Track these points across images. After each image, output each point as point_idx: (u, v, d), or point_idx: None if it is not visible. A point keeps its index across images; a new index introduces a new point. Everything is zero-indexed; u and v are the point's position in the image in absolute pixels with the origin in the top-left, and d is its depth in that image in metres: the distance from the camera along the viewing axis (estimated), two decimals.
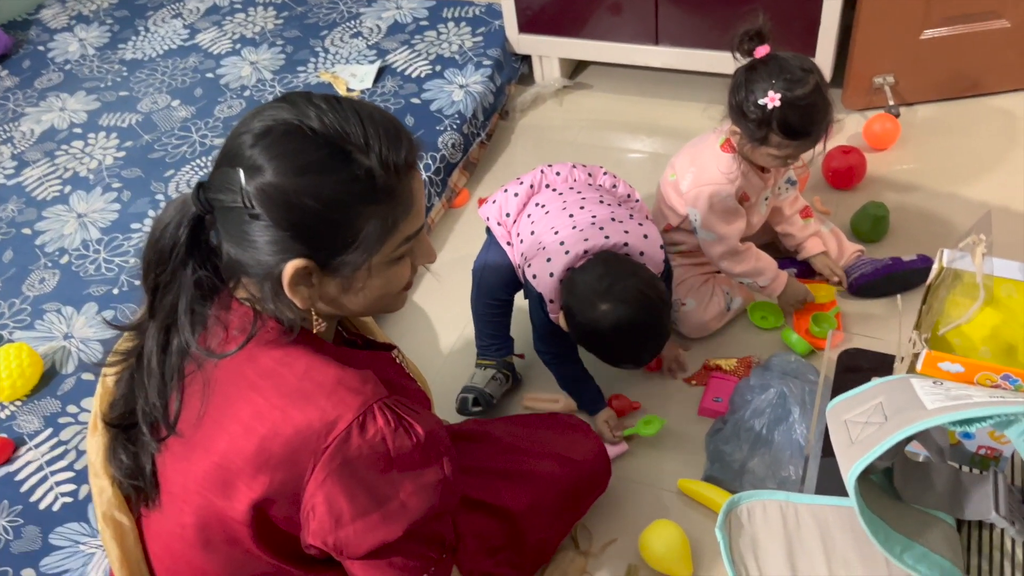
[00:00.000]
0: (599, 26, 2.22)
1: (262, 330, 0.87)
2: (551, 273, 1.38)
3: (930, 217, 1.86)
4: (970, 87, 2.10)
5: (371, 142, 0.81)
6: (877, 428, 0.83)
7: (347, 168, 0.81)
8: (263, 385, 0.85)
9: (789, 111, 1.42)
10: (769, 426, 1.43)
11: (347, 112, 0.82)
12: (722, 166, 1.56)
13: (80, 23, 2.68)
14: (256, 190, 0.80)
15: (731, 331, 1.72)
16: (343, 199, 0.81)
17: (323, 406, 0.83)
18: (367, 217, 0.83)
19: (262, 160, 0.80)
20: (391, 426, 0.84)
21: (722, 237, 1.60)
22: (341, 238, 0.83)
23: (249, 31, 2.52)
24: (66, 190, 2.05)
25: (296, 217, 0.81)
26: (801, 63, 1.45)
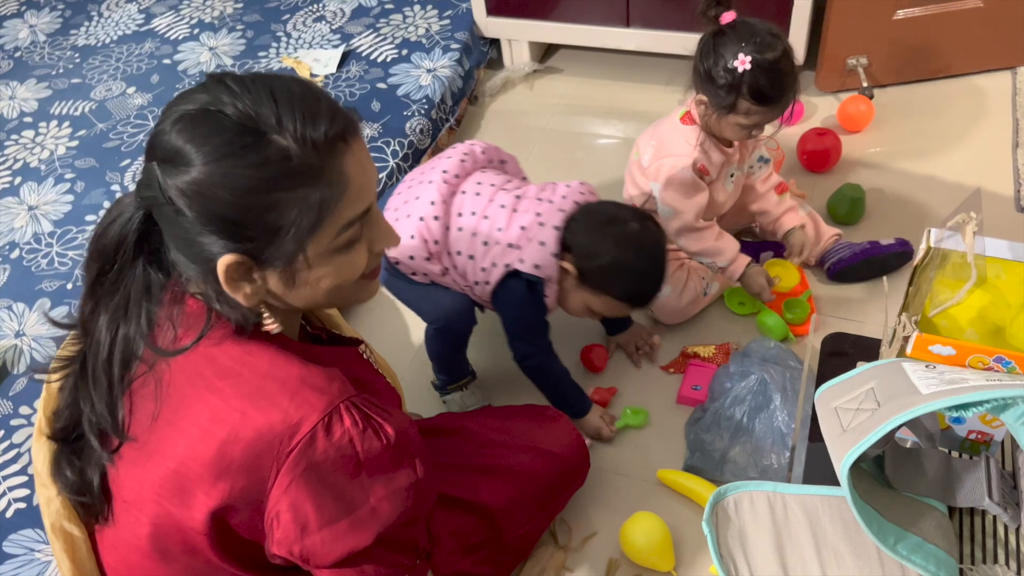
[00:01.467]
0: (569, 8, 2.17)
1: (217, 326, 0.81)
2: (552, 252, 1.35)
3: (907, 198, 1.85)
4: (944, 67, 2.08)
5: (284, 120, 0.74)
6: (870, 415, 0.79)
7: (260, 151, 0.74)
8: (221, 386, 0.80)
9: (760, 74, 1.40)
10: (750, 414, 1.40)
11: (260, 90, 0.75)
12: (680, 138, 1.55)
13: (30, 8, 2.58)
14: (173, 184, 0.75)
15: (708, 317, 1.69)
16: (258, 185, 0.74)
17: (286, 407, 0.78)
18: (290, 203, 0.75)
19: (177, 151, 0.74)
20: (359, 427, 0.79)
21: (678, 212, 1.56)
22: (266, 228, 0.76)
23: (207, 15, 2.44)
24: (16, 181, 1.96)
25: (216, 209, 0.74)
26: (769, 28, 1.43)
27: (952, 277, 0.97)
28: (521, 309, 1.42)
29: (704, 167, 1.55)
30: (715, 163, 1.56)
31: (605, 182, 1.98)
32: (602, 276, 1.36)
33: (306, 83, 0.79)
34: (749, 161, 1.65)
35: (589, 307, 1.41)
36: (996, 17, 1.97)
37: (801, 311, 1.62)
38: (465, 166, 1.45)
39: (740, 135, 1.51)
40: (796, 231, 1.68)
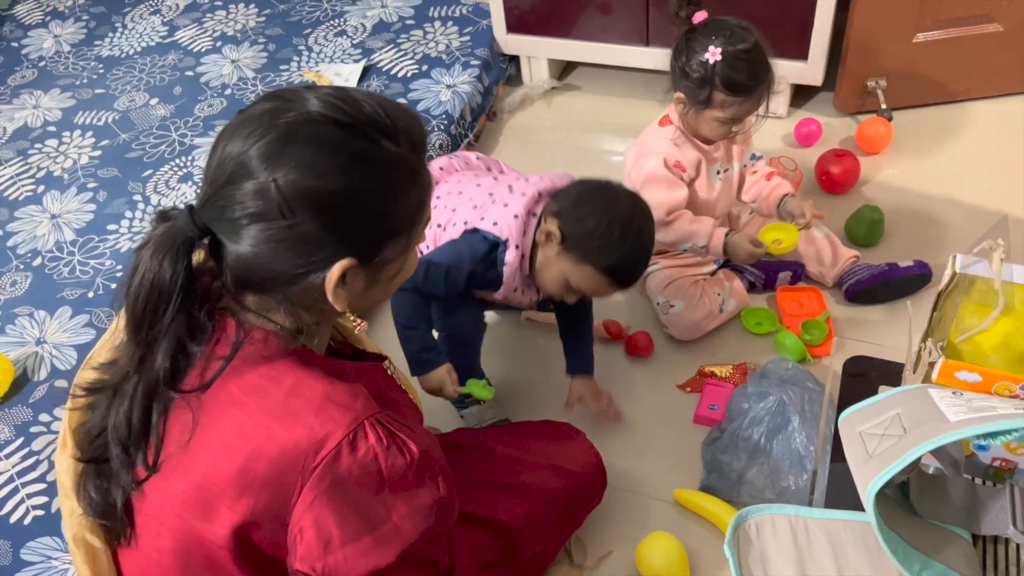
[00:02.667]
0: (588, 26, 2.18)
1: (246, 342, 0.81)
2: (515, 215, 1.35)
3: (925, 221, 1.84)
4: (963, 91, 2.08)
5: (395, 123, 0.79)
6: (896, 441, 0.79)
7: (380, 155, 0.78)
8: (247, 401, 0.80)
9: (731, 64, 1.44)
10: (768, 435, 1.40)
11: (356, 97, 0.79)
12: (656, 138, 1.59)
13: (55, 19, 2.61)
14: (294, 196, 0.74)
15: (724, 337, 1.69)
16: (384, 189, 0.78)
17: (311, 423, 0.78)
18: (403, 203, 0.81)
19: (294, 164, 0.74)
20: (383, 444, 0.80)
21: (651, 207, 1.55)
22: (383, 230, 0.80)
23: (230, 29, 2.46)
24: (39, 190, 1.98)
25: (342, 216, 0.77)
26: (739, 23, 1.47)
27: (978, 303, 0.97)
28: (457, 253, 1.36)
29: (679, 163, 1.58)
30: (689, 159, 1.59)
31: None
32: (588, 242, 1.30)
33: (380, 95, 0.82)
34: (743, 160, 1.67)
35: (567, 280, 1.34)
36: (1016, 41, 1.98)
37: (819, 332, 1.61)
38: (453, 162, 1.54)
39: (720, 131, 1.54)
40: (789, 199, 1.67)
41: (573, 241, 1.31)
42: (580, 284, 1.34)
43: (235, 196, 0.75)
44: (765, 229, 1.64)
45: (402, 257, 0.85)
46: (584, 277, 1.33)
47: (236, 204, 0.75)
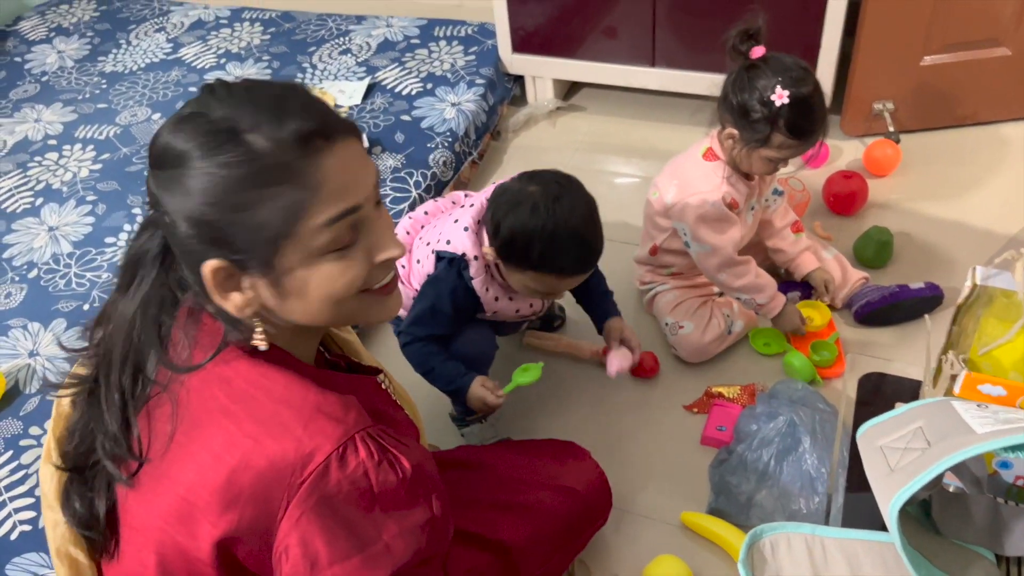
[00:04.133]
0: (594, 47, 2.18)
1: (234, 346, 0.79)
2: (465, 227, 1.34)
3: (934, 243, 1.82)
4: (970, 115, 2.07)
5: (259, 119, 0.72)
6: (920, 454, 0.76)
7: (232, 150, 0.72)
8: (235, 410, 0.77)
9: (797, 108, 1.40)
10: (778, 456, 1.36)
11: (241, 93, 0.75)
12: (704, 174, 1.53)
13: (60, 35, 2.61)
14: (156, 185, 0.75)
15: (731, 357, 1.66)
16: (230, 185, 0.72)
17: (299, 436, 0.74)
18: (263, 202, 0.72)
19: (164, 155, 0.74)
20: (374, 459, 0.76)
21: (716, 248, 1.54)
22: (242, 229, 0.73)
23: (235, 46, 2.46)
24: (38, 202, 1.96)
25: (196, 211, 0.73)
26: (798, 62, 1.44)
27: (1000, 316, 0.94)
28: (433, 287, 1.37)
29: (734, 200, 1.53)
30: (741, 195, 1.55)
31: (626, 220, 1.97)
32: (509, 251, 1.27)
33: (291, 85, 0.77)
34: (765, 195, 1.63)
35: (528, 287, 1.33)
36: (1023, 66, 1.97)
37: (829, 353, 1.58)
38: (439, 204, 1.54)
39: (767, 169, 1.50)
40: (817, 271, 1.66)
41: (505, 254, 1.29)
42: (539, 287, 1.32)
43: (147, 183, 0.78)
44: (800, 305, 1.67)
45: (308, 267, 0.76)
46: (536, 280, 1.30)
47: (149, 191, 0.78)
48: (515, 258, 1.29)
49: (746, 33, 1.42)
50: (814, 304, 1.67)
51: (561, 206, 1.25)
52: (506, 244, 1.28)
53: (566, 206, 1.25)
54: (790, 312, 1.59)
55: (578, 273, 1.32)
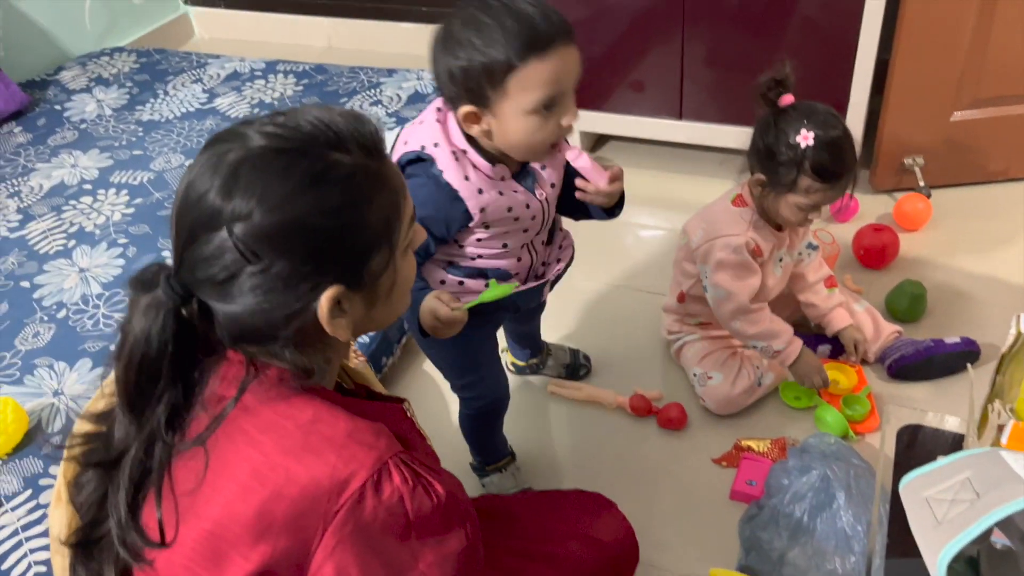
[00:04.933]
0: (622, 100, 2.20)
1: (260, 379, 0.77)
2: (420, 121, 1.13)
3: (967, 298, 1.79)
4: (1002, 171, 2.06)
5: (340, 132, 0.74)
6: (968, 506, 0.73)
7: (331, 170, 0.73)
8: (263, 440, 0.75)
9: (823, 150, 1.39)
10: (811, 512, 1.32)
11: (295, 117, 0.75)
12: (733, 218, 1.53)
13: (99, 85, 2.68)
14: (254, 239, 0.71)
15: (761, 411, 1.63)
16: (346, 204, 0.74)
17: (333, 462, 0.73)
18: (373, 212, 0.76)
19: (245, 206, 0.71)
20: (409, 485, 0.74)
21: (731, 294, 1.52)
22: (358, 246, 0.75)
23: (268, 96, 2.51)
24: (70, 244, 1.99)
25: (311, 244, 0.73)
26: (829, 109, 1.44)
27: None
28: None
29: (758, 248, 1.52)
30: (766, 244, 1.53)
31: (653, 271, 1.96)
32: (478, 71, 1.03)
33: (322, 104, 0.79)
34: (798, 247, 1.61)
35: (525, 120, 1.05)
36: None
37: (861, 407, 1.54)
38: None
39: (797, 217, 1.48)
40: (849, 329, 1.63)
41: (472, 83, 1.03)
42: (529, 104, 1.03)
43: (201, 255, 0.72)
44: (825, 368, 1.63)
45: (391, 267, 0.80)
46: (520, 92, 1.02)
47: (204, 264, 0.72)
48: (488, 83, 1.03)
49: (775, 81, 1.43)
50: (840, 367, 1.64)
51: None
52: (468, 68, 1.02)
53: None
54: (807, 358, 1.55)
55: (546, 47, 1.02)
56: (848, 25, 1.85)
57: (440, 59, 1.06)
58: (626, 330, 1.84)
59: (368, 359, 1.64)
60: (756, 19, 1.93)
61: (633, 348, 1.79)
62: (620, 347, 1.80)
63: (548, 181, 1.20)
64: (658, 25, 2.03)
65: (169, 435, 0.75)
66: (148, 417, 0.75)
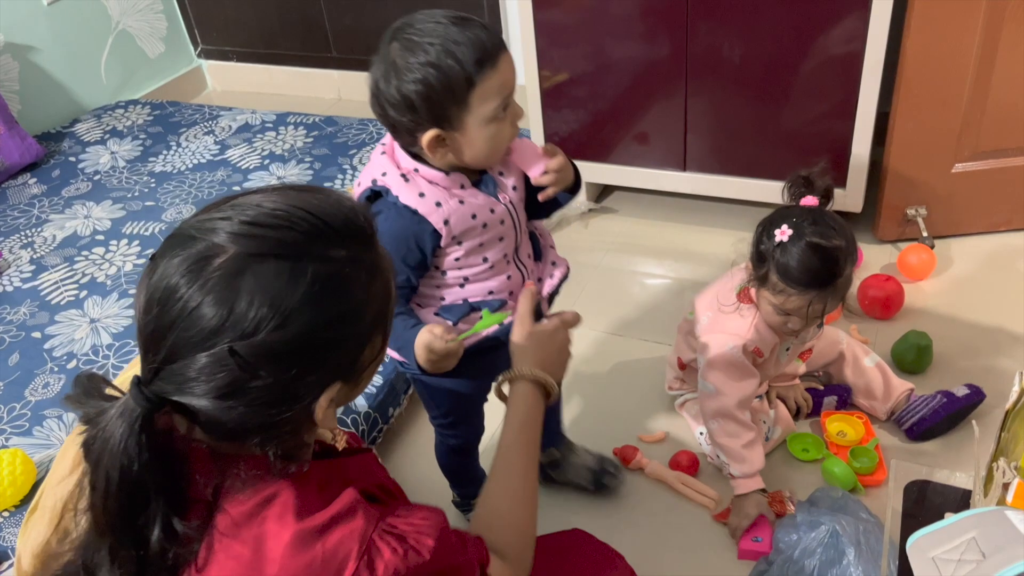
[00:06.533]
0: (626, 152, 2.23)
1: (232, 475, 0.73)
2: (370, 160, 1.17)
3: (972, 347, 1.79)
4: (1004, 222, 2.07)
5: (332, 223, 0.71)
6: (975, 566, 0.72)
7: (334, 271, 0.69)
8: (244, 552, 0.72)
9: (794, 249, 1.32)
10: (821, 568, 1.31)
11: (284, 215, 0.69)
12: (736, 317, 1.48)
13: (114, 137, 2.73)
14: (259, 356, 0.67)
15: (770, 463, 1.60)
16: (350, 310, 0.72)
17: (320, 558, 0.72)
18: (372, 307, 0.74)
19: (247, 324, 0.66)
20: (400, 554, 0.74)
21: (720, 393, 1.47)
22: (360, 343, 0.74)
23: (279, 148, 2.56)
24: (82, 295, 2.01)
25: (317, 355, 0.70)
26: (839, 222, 1.36)
27: None
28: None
29: (758, 350, 1.49)
30: (767, 345, 1.50)
31: (657, 320, 1.97)
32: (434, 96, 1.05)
33: (301, 186, 0.76)
34: (812, 331, 1.59)
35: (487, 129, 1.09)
36: None
37: (869, 460, 1.54)
38: None
39: (774, 319, 1.43)
40: (795, 387, 1.66)
41: (434, 104, 1.05)
42: (490, 113, 1.07)
43: (189, 371, 0.67)
44: (831, 419, 1.63)
45: (384, 347, 0.80)
46: (481, 104, 1.06)
47: (193, 380, 0.67)
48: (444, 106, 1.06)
49: (804, 179, 1.41)
50: (847, 418, 1.64)
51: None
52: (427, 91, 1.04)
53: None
54: (753, 500, 1.46)
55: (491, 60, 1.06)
56: (849, 78, 1.89)
57: (388, 91, 1.06)
58: (629, 379, 1.84)
59: (376, 409, 1.65)
60: (758, 73, 1.97)
61: (637, 397, 1.79)
62: (623, 395, 1.80)
63: (509, 185, 1.21)
64: (662, 78, 2.07)
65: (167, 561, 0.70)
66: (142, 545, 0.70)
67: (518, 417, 1.02)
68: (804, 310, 1.37)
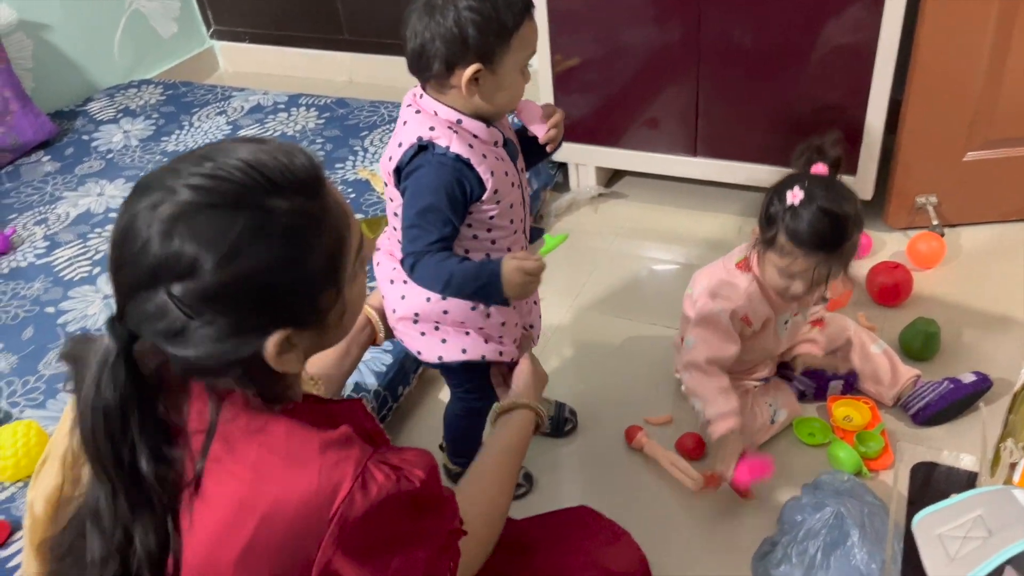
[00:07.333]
0: (637, 136, 2.23)
1: (227, 407, 0.77)
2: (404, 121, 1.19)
3: (979, 335, 1.79)
4: (1016, 211, 2.07)
5: (274, 178, 0.72)
6: (981, 543, 0.73)
7: (271, 221, 0.71)
8: (244, 473, 0.75)
9: (805, 211, 1.36)
10: (825, 550, 1.32)
11: (225, 168, 0.71)
12: (732, 282, 1.52)
13: (127, 116, 2.74)
14: (196, 299, 0.70)
15: (775, 448, 1.63)
16: (288, 256, 0.73)
17: (316, 479, 0.75)
18: (317, 257, 0.75)
19: (183, 266, 0.69)
20: (393, 479, 0.77)
21: (696, 348, 1.52)
22: (306, 291, 0.75)
23: (291, 129, 2.57)
24: (95, 271, 2.03)
25: (255, 299, 0.72)
26: (849, 192, 1.40)
27: None
28: (414, 185, 1.17)
29: (747, 318, 1.52)
30: (759, 315, 1.52)
31: (666, 306, 1.97)
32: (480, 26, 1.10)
33: (255, 139, 0.77)
34: (811, 308, 1.62)
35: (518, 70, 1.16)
36: None
37: (875, 444, 1.54)
38: None
39: (777, 282, 1.46)
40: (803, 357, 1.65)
41: (483, 39, 1.10)
42: (523, 60, 1.15)
43: (144, 312, 0.71)
44: (837, 404, 1.64)
45: (340, 301, 0.80)
46: (519, 50, 1.13)
47: (149, 319, 0.71)
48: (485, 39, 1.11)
49: (815, 146, 1.43)
50: (854, 403, 1.64)
51: None
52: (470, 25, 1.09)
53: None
54: (731, 440, 1.47)
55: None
56: (861, 65, 1.88)
57: (443, 21, 1.10)
58: (637, 363, 1.85)
59: (386, 388, 1.66)
60: (770, 58, 1.97)
61: (644, 381, 1.80)
62: (631, 379, 1.81)
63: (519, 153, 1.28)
64: (673, 63, 2.07)
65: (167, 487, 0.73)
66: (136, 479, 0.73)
67: (516, 435, 1.16)
68: (809, 273, 1.41)
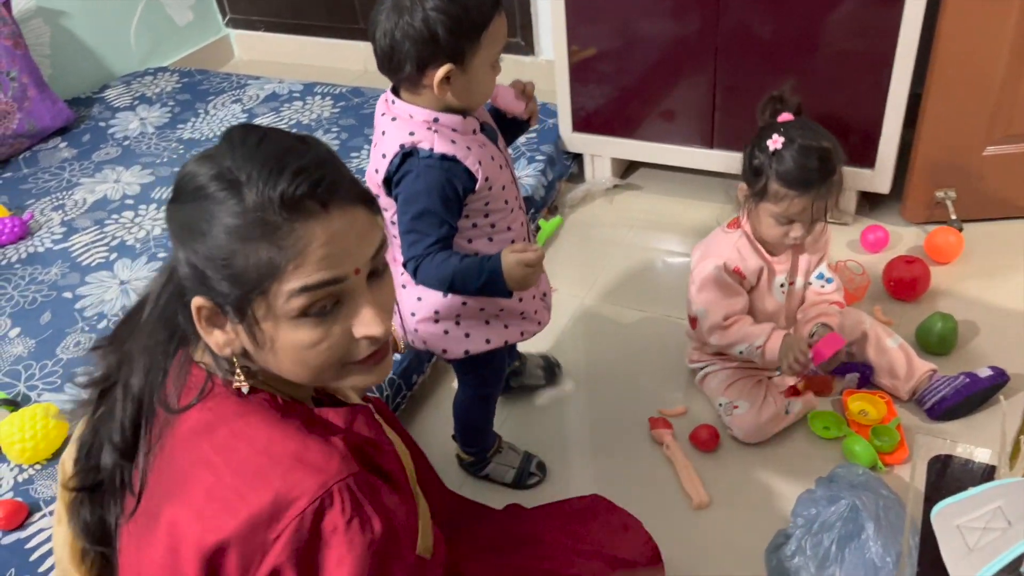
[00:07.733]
0: (653, 128, 2.22)
1: (214, 394, 0.81)
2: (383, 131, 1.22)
3: (996, 330, 1.78)
4: None
5: (254, 174, 0.73)
6: (1000, 534, 0.73)
7: (225, 201, 0.74)
8: (217, 462, 0.78)
9: (790, 154, 1.42)
10: (839, 542, 1.31)
11: (254, 144, 0.76)
12: (721, 240, 1.57)
13: (143, 103, 2.75)
14: (168, 219, 0.80)
15: (789, 441, 1.63)
16: (218, 232, 0.74)
17: (277, 487, 0.75)
18: (243, 255, 0.74)
19: (178, 191, 0.79)
20: (345, 518, 0.76)
21: (708, 312, 1.57)
22: (225, 276, 0.75)
23: (306, 117, 2.57)
24: (112, 257, 2.04)
25: (189, 251, 0.77)
26: (819, 127, 1.46)
27: None
28: (407, 190, 1.19)
29: (739, 269, 1.55)
30: (751, 267, 1.56)
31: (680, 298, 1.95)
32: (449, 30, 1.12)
33: (303, 140, 0.78)
34: (809, 276, 1.63)
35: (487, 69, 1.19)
36: None
37: (890, 438, 1.54)
38: None
39: (775, 232, 1.50)
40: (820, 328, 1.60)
41: (454, 38, 1.12)
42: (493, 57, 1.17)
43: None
44: (853, 398, 1.64)
45: (279, 326, 0.76)
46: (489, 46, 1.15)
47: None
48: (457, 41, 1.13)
49: (775, 98, 1.49)
50: (869, 397, 1.64)
51: None
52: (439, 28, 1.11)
53: None
54: (789, 343, 1.51)
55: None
56: (881, 59, 1.87)
57: (411, 22, 1.11)
58: (652, 355, 1.85)
59: (400, 376, 1.67)
60: (788, 50, 1.96)
61: (659, 372, 1.80)
62: (645, 371, 1.81)
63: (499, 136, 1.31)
64: (691, 55, 2.06)
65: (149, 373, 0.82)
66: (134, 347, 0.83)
67: None
68: (808, 212, 1.45)
